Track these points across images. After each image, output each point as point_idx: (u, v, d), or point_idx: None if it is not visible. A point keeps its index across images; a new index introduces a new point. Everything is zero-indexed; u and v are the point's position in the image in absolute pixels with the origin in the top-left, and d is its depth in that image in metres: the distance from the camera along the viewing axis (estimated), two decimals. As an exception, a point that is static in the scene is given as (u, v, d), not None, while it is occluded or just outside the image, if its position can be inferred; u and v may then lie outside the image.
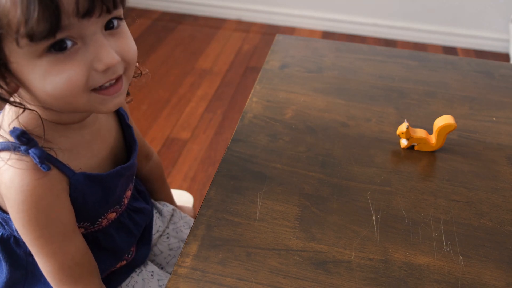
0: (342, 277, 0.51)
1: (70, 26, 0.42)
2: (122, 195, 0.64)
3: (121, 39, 0.48)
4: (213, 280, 0.50)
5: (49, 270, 0.55)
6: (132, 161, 0.61)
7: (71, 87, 0.44)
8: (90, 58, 0.44)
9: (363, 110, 0.79)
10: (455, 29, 2.46)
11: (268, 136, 0.72)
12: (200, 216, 0.58)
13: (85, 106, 0.47)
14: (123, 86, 0.49)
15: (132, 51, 0.49)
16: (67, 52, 0.43)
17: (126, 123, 0.64)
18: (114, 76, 0.47)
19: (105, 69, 0.45)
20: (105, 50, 0.45)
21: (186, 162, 1.63)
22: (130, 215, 0.67)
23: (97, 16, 0.43)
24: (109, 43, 0.46)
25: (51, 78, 0.44)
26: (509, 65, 0.96)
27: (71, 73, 0.44)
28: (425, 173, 0.67)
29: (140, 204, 0.70)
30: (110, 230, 0.64)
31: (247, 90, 2.04)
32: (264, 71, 0.89)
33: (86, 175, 0.54)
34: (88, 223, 0.60)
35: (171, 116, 1.87)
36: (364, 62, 0.93)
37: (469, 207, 0.61)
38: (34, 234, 0.52)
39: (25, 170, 0.49)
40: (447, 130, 0.68)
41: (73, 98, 0.46)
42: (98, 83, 0.46)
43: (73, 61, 0.44)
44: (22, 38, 0.40)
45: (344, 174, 0.65)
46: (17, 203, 0.50)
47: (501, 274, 0.53)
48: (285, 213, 0.59)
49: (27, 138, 0.48)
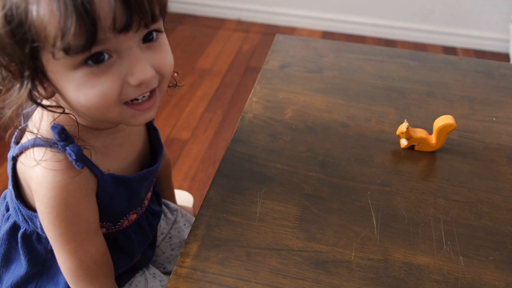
0: (342, 277, 0.51)
1: (106, 40, 0.41)
2: (144, 197, 0.64)
3: (158, 52, 0.47)
4: (213, 280, 0.50)
5: (68, 267, 0.55)
6: (158, 164, 0.62)
7: (104, 101, 0.44)
8: (124, 72, 0.44)
9: (363, 110, 0.79)
10: (455, 29, 2.46)
11: (268, 136, 0.72)
12: (200, 216, 0.58)
13: (116, 118, 0.48)
14: (156, 101, 0.49)
15: (169, 65, 0.49)
16: (102, 65, 0.43)
17: (153, 126, 0.64)
18: (147, 89, 0.47)
19: (138, 84, 0.45)
20: (140, 64, 0.44)
21: (186, 162, 1.63)
22: (147, 217, 0.68)
23: (134, 31, 0.43)
24: (146, 57, 0.45)
25: (84, 91, 0.44)
26: (509, 65, 0.96)
27: (105, 87, 0.44)
28: (425, 173, 0.67)
29: (156, 207, 0.71)
30: (130, 232, 0.64)
31: (247, 90, 2.04)
32: (264, 71, 0.89)
33: (114, 176, 0.55)
34: (110, 223, 0.60)
35: (171, 116, 1.87)
36: (364, 62, 0.93)
37: (469, 207, 0.61)
38: (59, 230, 0.53)
39: (59, 167, 0.49)
40: (447, 130, 0.68)
41: (105, 110, 0.46)
42: (131, 96, 0.46)
43: (107, 75, 0.44)
44: (58, 52, 0.41)
45: (344, 174, 0.65)
46: (47, 198, 0.50)
47: (501, 274, 0.53)
48: (285, 213, 0.59)
49: (66, 135, 0.49)
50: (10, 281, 0.61)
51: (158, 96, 0.50)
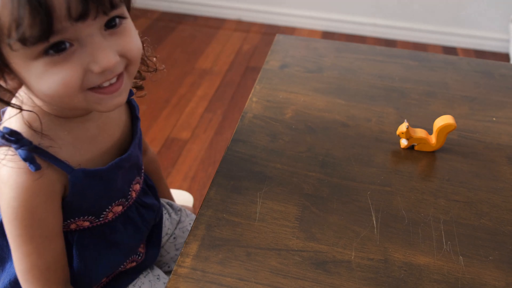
0: (342, 277, 0.51)
1: (63, 29, 0.41)
2: (127, 188, 0.63)
3: (122, 38, 0.47)
4: (213, 280, 0.50)
5: (21, 269, 0.55)
6: (129, 152, 0.60)
7: (66, 88, 0.44)
8: (87, 60, 0.44)
9: (363, 110, 0.79)
10: (455, 29, 2.46)
11: (268, 136, 0.72)
12: (200, 216, 0.58)
13: (82, 105, 0.47)
14: (123, 84, 0.48)
15: (135, 49, 0.48)
16: (64, 54, 0.43)
17: (136, 115, 0.63)
18: (112, 75, 0.46)
19: (101, 71, 0.44)
20: (103, 52, 0.44)
21: (186, 162, 1.63)
22: (138, 210, 0.67)
23: (92, 18, 0.42)
24: (109, 43, 0.45)
25: (46, 79, 0.43)
26: (509, 65, 0.96)
27: (66, 75, 0.44)
28: (425, 173, 0.67)
29: (150, 200, 0.70)
30: (117, 224, 0.63)
31: (247, 90, 2.04)
32: (264, 71, 0.89)
33: (85, 171, 0.54)
34: (92, 217, 0.60)
35: (171, 116, 1.87)
36: (364, 62, 0.93)
37: (469, 207, 0.61)
38: (17, 231, 0.52)
39: (23, 168, 0.49)
40: (447, 130, 0.68)
41: (68, 98, 0.45)
42: (95, 83, 0.46)
43: (68, 63, 0.43)
44: (15, 43, 0.40)
45: (344, 174, 0.65)
46: (9, 198, 0.50)
47: (501, 274, 0.53)
48: (285, 213, 0.59)
49: (16, 137, 0.48)
50: (8, 279, 0.61)
51: (126, 80, 0.49)
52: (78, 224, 0.59)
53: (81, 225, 0.59)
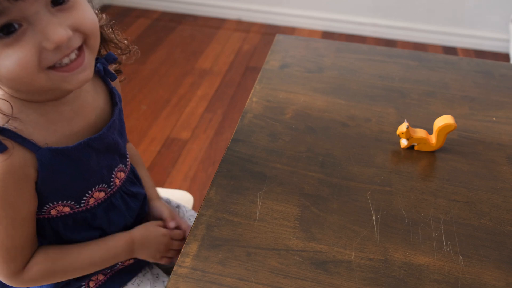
0: (342, 277, 0.51)
1: (6, 10, 0.41)
2: (108, 174, 0.62)
3: (74, 12, 0.47)
4: (213, 280, 0.50)
5: None
6: (101, 133, 0.58)
7: (23, 69, 0.44)
8: (38, 38, 0.44)
9: (363, 110, 0.79)
10: (455, 29, 2.46)
11: (268, 136, 0.72)
12: (200, 216, 0.58)
13: (47, 85, 0.47)
14: (85, 59, 0.48)
15: (89, 21, 0.48)
16: (14, 35, 0.43)
17: (116, 102, 0.63)
18: (69, 50, 0.46)
19: (54, 47, 0.44)
20: (52, 28, 0.44)
21: (186, 162, 1.63)
22: (123, 198, 0.66)
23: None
24: (59, 20, 0.45)
25: (2, 63, 0.44)
26: (509, 65, 0.96)
27: (20, 55, 0.44)
28: (425, 173, 0.67)
29: (136, 189, 0.69)
30: (99, 211, 0.63)
31: (247, 90, 2.04)
32: (264, 71, 0.89)
33: (51, 149, 0.53)
34: (73, 202, 0.59)
35: (171, 116, 1.87)
36: (364, 62, 0.93)
37: (469, 207, 0.61)
38: None
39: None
40: (447, 130, 0.68)
41: (29, 79, 0.45)
42: (53, 60, 0.46)
43: (20, 44, 0.43)
44: None
45: (344, 174, 0.65)
46: None
47: (501, 274, 0.53)
48: (285, 213, 0.59)
49: None
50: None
51: (88, 55, 0.49)
52: (58, 210, 0.59)
53: (61, 211, 0.59)
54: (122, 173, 0.66)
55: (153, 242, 0.68)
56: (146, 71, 2.15)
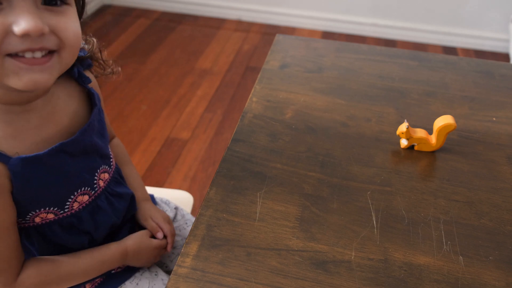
0: (342, 277, 0.51)
1: None
2: (90, 177, 0.61)
3: (60, 17, 0.46)
4: (213, 280, 0.50)
5: None
6: (74, 137, 0.57)
7: None
8: (10, 20, 0.43)
9: (363, 110, 0.79)
10: (455, 29, 2.46)
11: (268, 136, 0.72)
12: (200, 216, 0.58)
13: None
14: (49, 63, 0.47)
15: (70, 32, 0.47)
16: None
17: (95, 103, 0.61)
18: (37, 46, 0.45)
19: (22, 33, 0.43)
20: (29, 16, 0.43)
21: (186, 162, 1.63)
22: (108, 199, 0.65)
23: None
24: (41, 14, 0.44)
25: None
26: (509, 65, 0.96)
27: None
28: (425, 173, 0.67)
29: (122, 189, 0.69)
30: (85, 214, 0.62)
31: (247, 90, 2.04)
32: (264, 71, 0.89)
33: (22, 158, 0.52)
34: (55, 208, 0.58)
35: (171, 116, 1.87)
36: (364, 62, 0.93)
37: (469, 207, 0.61)
38: None
39: None
40: (447, 130, 0.68)
41: None
42: (15, 48, 0.44)
43: None
44: None
45: (344, 174, 0.65)
46: None
47: (501, 274, 0.53)
48: (285, 213, 0.59)
49: None
50: None
51: (55, 63, 0.48)
52: (42, 217, 0.58)
53: (45, 218, 0.58)
54: (106, 174, 0.65)
55: (145, 253, 0.70)
56: (146, 71, 2.15)
